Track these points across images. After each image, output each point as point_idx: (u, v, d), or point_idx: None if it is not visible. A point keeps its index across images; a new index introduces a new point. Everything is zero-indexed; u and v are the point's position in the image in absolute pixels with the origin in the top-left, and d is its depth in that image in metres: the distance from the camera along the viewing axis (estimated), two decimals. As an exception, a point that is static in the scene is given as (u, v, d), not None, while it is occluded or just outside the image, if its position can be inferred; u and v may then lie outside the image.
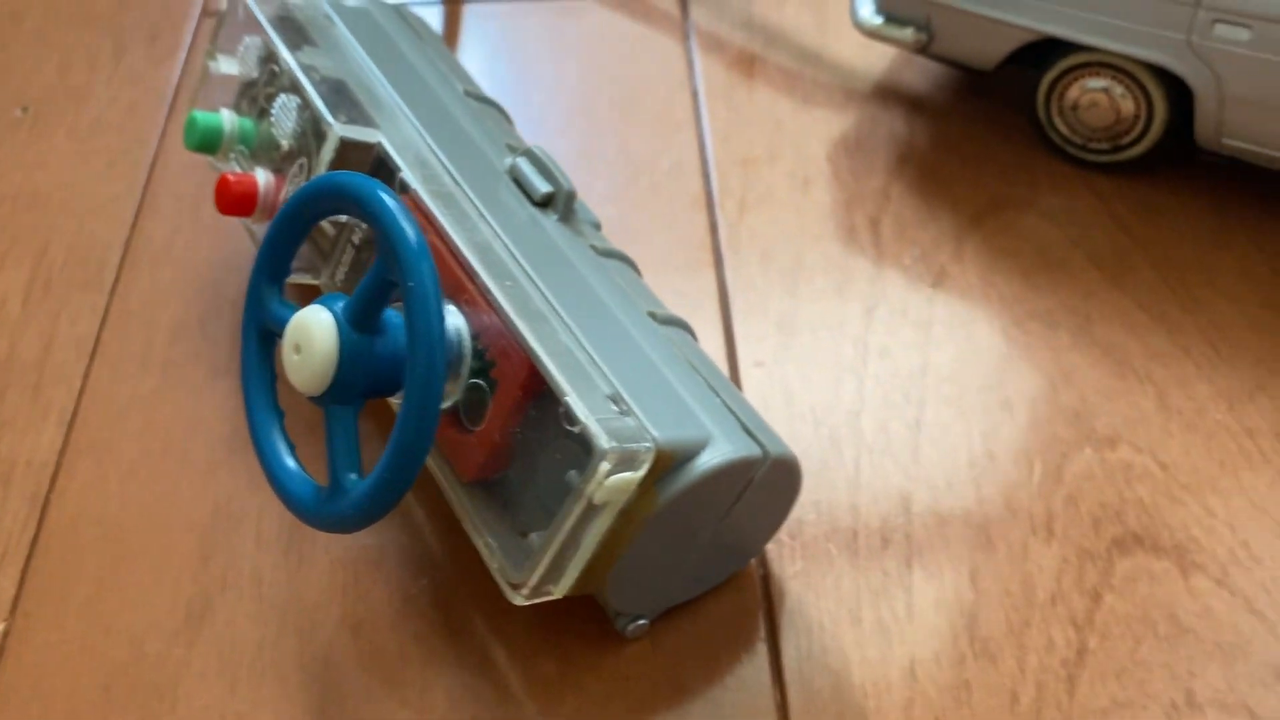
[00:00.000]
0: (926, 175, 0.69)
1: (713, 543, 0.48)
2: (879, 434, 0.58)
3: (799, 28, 0.80)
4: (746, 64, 0.77)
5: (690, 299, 0.64)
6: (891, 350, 0.61)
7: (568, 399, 0.43)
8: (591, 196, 0.69)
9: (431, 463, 0.49)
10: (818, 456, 0.57)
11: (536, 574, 0.44)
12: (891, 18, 0.67)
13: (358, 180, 0.44)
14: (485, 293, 0.46)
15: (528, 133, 0.73)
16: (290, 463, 0.48)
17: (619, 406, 0.43)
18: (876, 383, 0.59)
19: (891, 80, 0.76)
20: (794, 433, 0.58)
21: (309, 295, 0.50)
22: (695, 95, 0.75)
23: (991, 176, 0.69)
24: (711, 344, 0.61)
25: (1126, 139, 0.65)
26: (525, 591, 0.44)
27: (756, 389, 0.60)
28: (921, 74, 0.76)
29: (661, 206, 0.68)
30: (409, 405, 0.41)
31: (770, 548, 0.53)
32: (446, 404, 0.47)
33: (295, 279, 0.54)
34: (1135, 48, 0.61)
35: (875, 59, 0.77)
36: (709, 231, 0.67)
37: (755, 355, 0.61)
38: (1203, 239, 0.66)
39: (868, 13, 0.68)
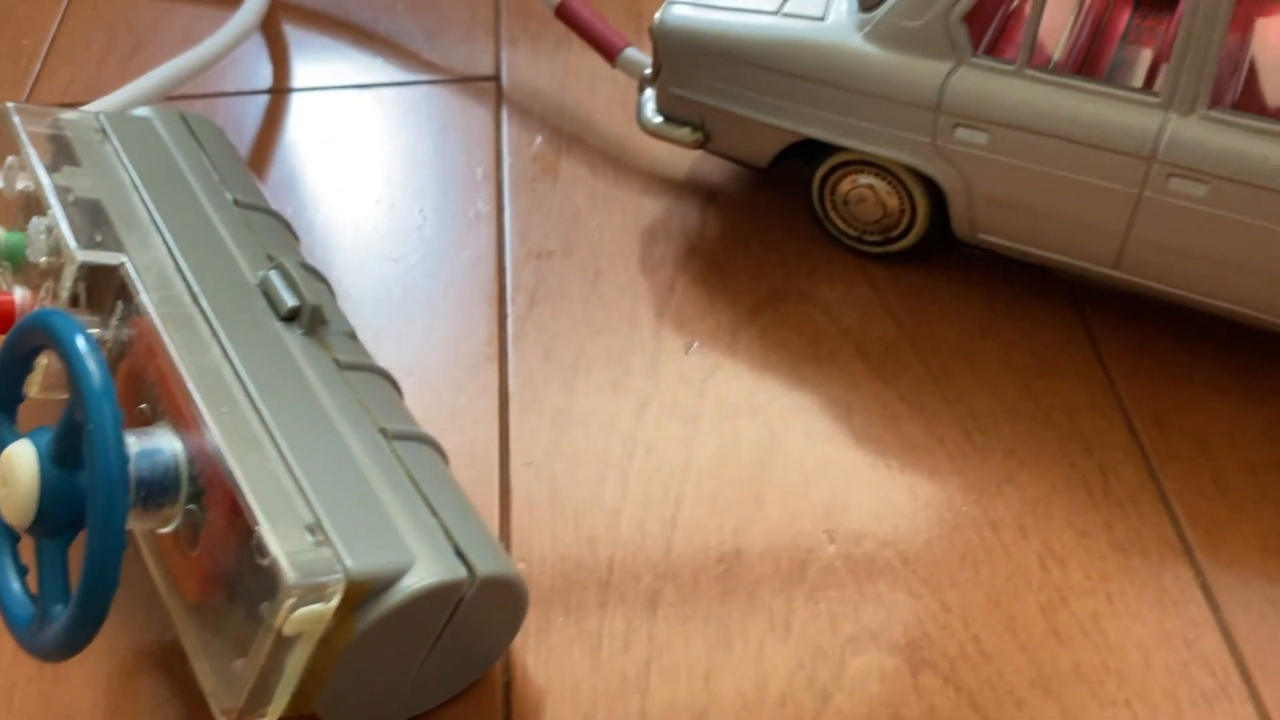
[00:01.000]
0: (712, 267, 0.71)
1: (435, 659, 0.49)
2: (635, 532, 0.59)
3: (609, 119, 0.82)
4: (554, 155, 0.79)
5: (472, 396, 0.65)
6: (658, 446, 0.62)
7: (259, 529, 0.44)
8: (389, 292, 0.70)
9: (161, 583, 0.50)
10: (574, 557, 0.58)
11: (241, 700, 0.45)
12: (670, 118, 0.70)
13: (53, 319, 0.45)
14: (199, 419, 0.48)
15: (332, 224, 0.74)
16: (15, 586, 0.48)
17: (315, 536, 0.45)
18: (639, 480, 0.61)
19: (692, 172, 0.78)
20: (555, 533, 0.59)
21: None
22: (500, 186, 0.77)
23: (774, 268, 0.71)
24: (487, 444, 0.63)
25: (895, 231, 0.68)
26: (234, 717, 0.46)
27: (524, 489, 0.61)
28: (720, 166, 0.78)
29: (456, 301, 0.70)
30: (90, 544, 0.42)
31: (517, 651, 0.55)
32: (167, 528, 0.49)
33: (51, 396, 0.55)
34: (887, 149, 0.63)
35: (679, 151, 0.79)
36: (498, 326, 0.69)
37: (528, 453, 0.62)
38: (970, 328, 0.68)
39: (650, 113, 0.70)
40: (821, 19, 0.63)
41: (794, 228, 0.73)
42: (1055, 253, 0.63)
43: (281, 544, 0.43)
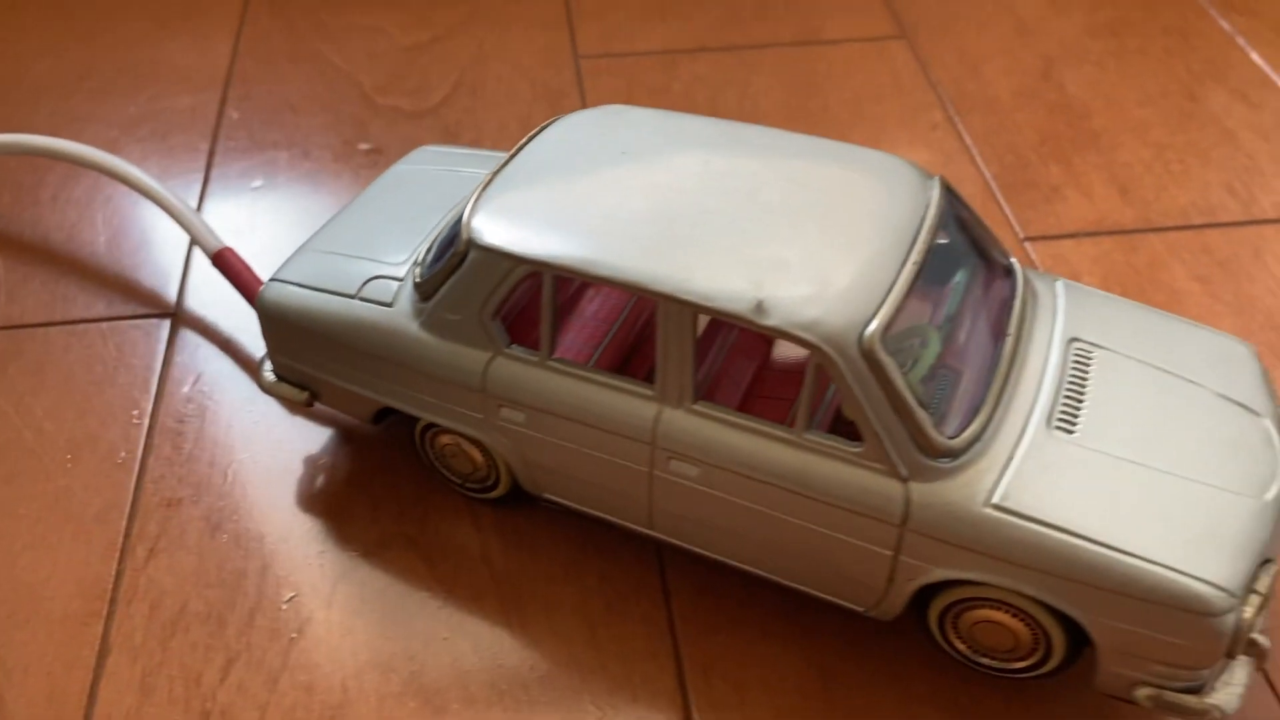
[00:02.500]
0: (331, 513, 0.75)
1: None
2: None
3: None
4: (208, 394, 0.83)
5: (63, 659, 0.67)
6: (233, 710, 0.66)
7: None
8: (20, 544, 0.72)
9: None
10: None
11: None
12: (282, 379, 0.75)
13: None
14: None
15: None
16: None
17: None
18: (207, 744, 0.65)
19: (326, 413, 0.82)
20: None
21: None
22: (144, 431, 0.81)
23: (388, 513, 0.76)
24: (71, 705, 0.64)
25: (489, 482, 0.73)
26: None
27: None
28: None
29: (77, 555, 0.72)
30: None
31: None
32: None
33: None
34: (451, 422, 0.69)
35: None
36: (112, 580, 0.73)
37: (110, 716, 0.66)
38: (556, 573, 0.73)
39: (268, 372, 0.76)
40: (390, 305, 0.69)
41: (417, 471, 0.78)
42: (603, 513, 0.68)
43: None
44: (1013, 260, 0.69)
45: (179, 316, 0.91)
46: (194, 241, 0.90)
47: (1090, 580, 0.56)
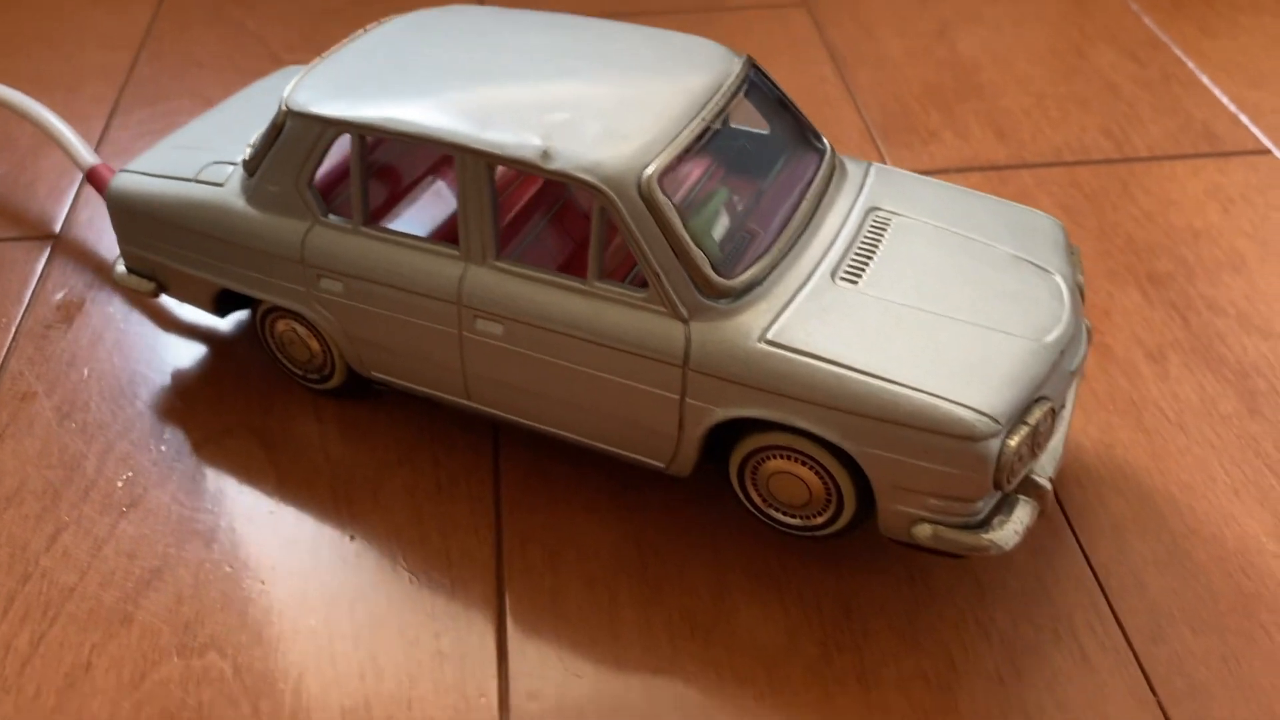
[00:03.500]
0: (180, 406, 0.76)
1: None
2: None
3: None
4: (79, 303, 0.85)
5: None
6: (54, 572, 0.67)
7: None
8: None
9: None
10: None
11: None
12: (133, 271, 0.77)
13: None
14: None
15: None
16: None
17: None
18: (27, 601, 0.65)
19: (191, 327, 0.83)
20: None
21: None
22: (10, 334, 0.82)
23: (235, 406, 0.77)
24: None
25: (325, 371, 0.74)
26: None
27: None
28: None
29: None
30: None
31: None
32: None
33: None
34: (279, 297, 0.70)
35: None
36: (-41, 463, 0.74)
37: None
38: (390, 460, 0.74)
39: (120, 268, 0.78)
40: (221, 185, 0.71)
41: (271, 367, 0.80)
42: (424, 386, 0.70)
43: None
44: (825, 143, 0.70)
45: (61, 239, 0.93)
46: (67, 156, 0.92)
47: (856, 409, 0.56)
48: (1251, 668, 0.63)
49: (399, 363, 0.70)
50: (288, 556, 0.67)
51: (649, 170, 0.59)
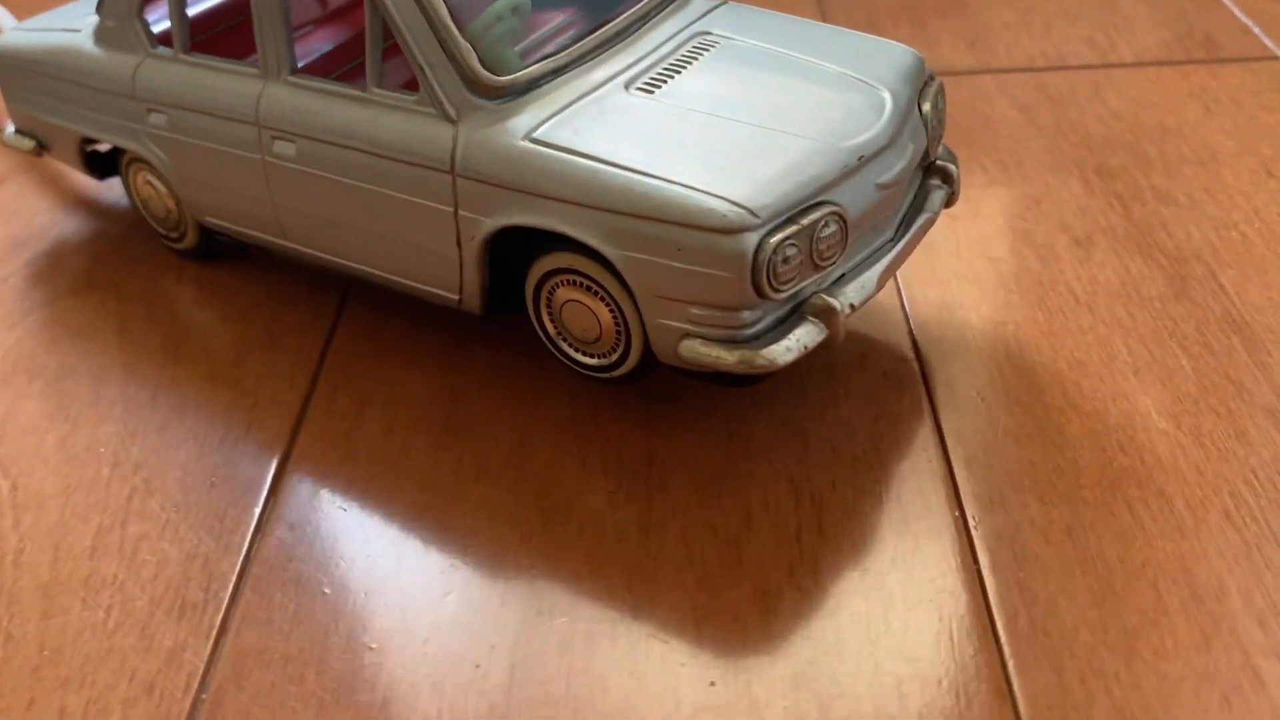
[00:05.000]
0: (50, 263, 0.76)
1: None
2: None
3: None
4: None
5: None
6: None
7: None
8: None
9: None
10: None
11: None
12: (19, 131, 0.78)
13: None
14: None
15: None
16: None
17: None
18: None
19: (98, 207, 0.83)
20: None
21: None
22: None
23: (105, 264, 0.75)
24: None
25: (181, 229, 0.73)
26: None
27: None
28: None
29: None
30: None
31: None
32: None
33: None
34: (121, 139, 0.69)
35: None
36: None
37: None
38: (231, 314, 0.71)
39: (9, 131, 0.79)
40: (79, 30, 0.71)
41: (145, 226, 0.79)
42: (246, 228, 0.67)
43: None
44: None
45: None
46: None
47: (609, 204, 0.51)
48: (1099, 542, 0.53)
49: (222, 202, 0.67)
50: (97, 394, 0.65)
51: (419, -43, 0.56)
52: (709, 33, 0.61)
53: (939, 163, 0.62)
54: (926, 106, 0.59)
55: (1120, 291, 0.68)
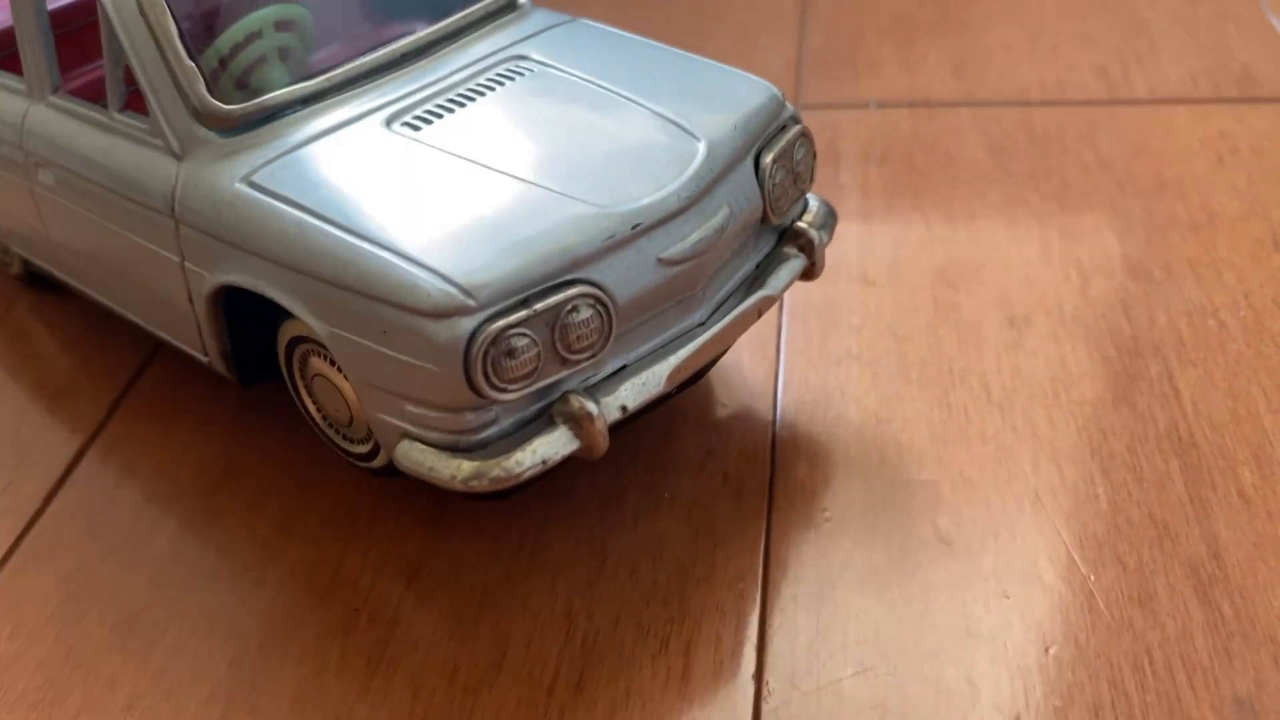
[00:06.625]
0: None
1: None
2: None
3: None
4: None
5: None
6: None
7: None
8: None
9: None
10: None
11: None
12: None
13: None
14: None
15: None
16: None
17: None
18: None
19: None
20: None
21: None
22: None
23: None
24: None
25: (7, 254, 0.65)
26: None
27: None
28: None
29: None
30: None
31: None
32: None
33: None
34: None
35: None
36: None
37: None
38: (46, 353, 0.64)
39: None
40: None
41: None
42: (31, 255, 0.60)
43: None
44: None
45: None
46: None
47: (312, 268, 0.42)
48: None
49: (11, 229, 0.60)
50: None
51: (147, -37, 0.47)
52: (525, 57, 0.51)
53: (798, 225, 0.51)
54: (769, 159, 0.47)
55: (1046, 390, 0.56)
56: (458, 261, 0.40)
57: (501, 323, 0.39)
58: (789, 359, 0.58)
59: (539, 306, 0.40)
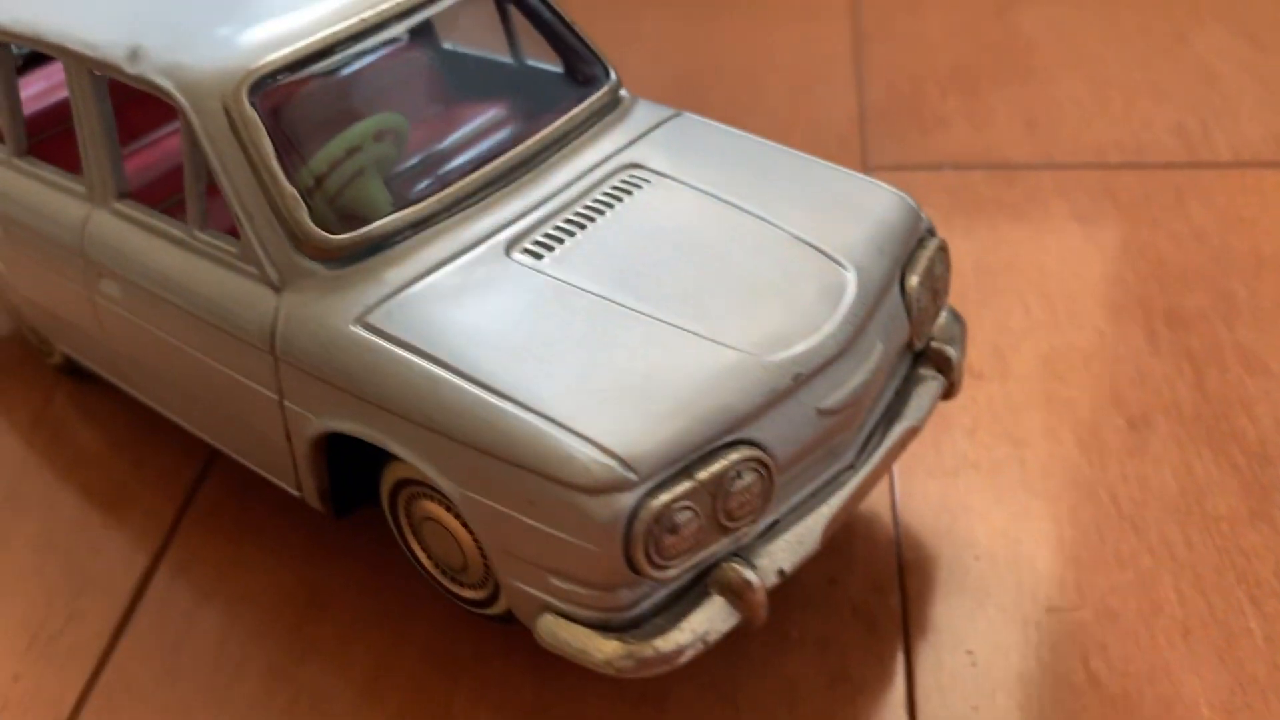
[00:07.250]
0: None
1: None
2: None
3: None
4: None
5: None
6: None
7: None
8: None
9: None
10: None
11: None
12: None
13: None
14: None
15: None
16: None
17: None
18: None
19: None
20: None
21: None
22: None
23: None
24: None
25: (47, 344, 0.61)
26: None
27: None
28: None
29: None
30: None
31: None
32: None
33: None
34: None
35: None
36: None
37: None
38: (94, 454, 0.60)
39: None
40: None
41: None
42: (92, 363, 0.56)
43: None
44: (607, 76, 0.50)
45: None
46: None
47: (445, 427, 0.38)
48: None
49: (62, 330, 0.56)
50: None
51: (241, 76, 0.43)
52: (639, 165, 0.47)
53: (934, 344, 0.48)
54: (914, 280, 0.44)
55: (1178, 504, 0.53)
56: (613, 428, 0.36)
57: (665, 497, 0.36)
58: (904, 468, 0.55)
59: (702, 476, 0.37)
